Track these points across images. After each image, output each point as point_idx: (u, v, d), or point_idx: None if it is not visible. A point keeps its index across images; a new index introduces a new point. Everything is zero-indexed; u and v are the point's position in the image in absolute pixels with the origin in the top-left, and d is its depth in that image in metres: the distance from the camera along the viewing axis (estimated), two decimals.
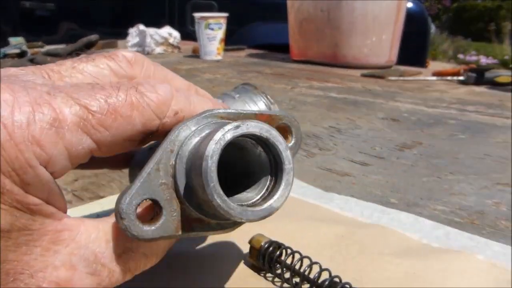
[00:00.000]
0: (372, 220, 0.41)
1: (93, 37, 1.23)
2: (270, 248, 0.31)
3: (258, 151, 0.22)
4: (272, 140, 0.21)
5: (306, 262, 0.30)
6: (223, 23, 1.60)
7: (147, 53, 1.71)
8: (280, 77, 1.28)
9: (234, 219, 0.20)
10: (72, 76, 0.23)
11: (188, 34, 2.14)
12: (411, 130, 0.74)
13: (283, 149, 0.21)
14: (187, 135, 0.21)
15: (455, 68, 1.31)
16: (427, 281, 0.31)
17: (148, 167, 0.20)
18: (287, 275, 0.30)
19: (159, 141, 0.22)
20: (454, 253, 0.34)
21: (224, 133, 0.19)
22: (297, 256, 0.30)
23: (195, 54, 1.70)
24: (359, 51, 1.42)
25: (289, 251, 0.31)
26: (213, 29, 1.58)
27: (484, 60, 4.20)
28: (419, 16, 2.42)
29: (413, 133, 0.72)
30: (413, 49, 2.16)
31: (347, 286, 0.28)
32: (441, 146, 0.65)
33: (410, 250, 0.35)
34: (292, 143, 0.26)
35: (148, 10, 2.96)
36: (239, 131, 0.20)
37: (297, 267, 0.30)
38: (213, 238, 0.35)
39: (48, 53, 1.07)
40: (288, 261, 0.30)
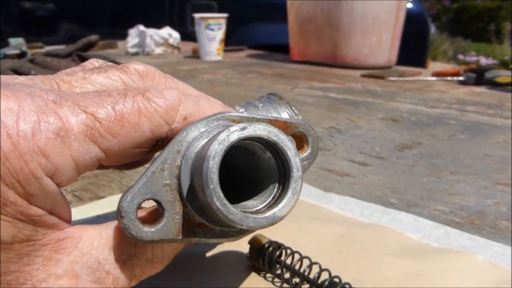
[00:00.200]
0: (372, 220, 0.41)
1: (93, 38, 1.23)
2: (270, 248, 0.31)
3: (267, 157, 0.21)
4: (281, 145, 0.20)
5: (306, 262, 0.30)
6: (223, 24, 1.60)
7: (147, 54, 1.71)
8: (280, 78, 1.28)
9: (235, 225, 0.19)
10: (83, 87, 0.22)
11: (188, 35, 2.15)
12: (411, 131, 0.74)
13: (292, 156, 0.20)
14: (195, 136, 0.21)
15: (455, 69, 1.31)
16: (427, 281, 0.31)
17: (153, 166, 0.20)
18: (287, 275, 0.30)
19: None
20: (454, 253, 0.34)
21: (229, 134, 0.19)
22: (297, 256, 0.30)
23: (195, 55, 1.70)
24: (359, 51, 1.42)
25: (289, 251, 0.31)
26: (213, 30, 1.58)
27: (484, 61, 4.19)
28: (419, 17, 2.41)
29: (413, 133, 0.72)
30: (413, 50, 2.16)
31: (347, 286, 0.28)
32: (441, 146, 0.65)
33: (410, 250, 0.35)
34: (308, 153, 0.25)
35: (148, 11, 2.97)
36: (245, 133, 0.19)
37: (297, 267, 0.30)
38: None
39: (48, 54, 1.06)
40: (288, 261, 0.30)
